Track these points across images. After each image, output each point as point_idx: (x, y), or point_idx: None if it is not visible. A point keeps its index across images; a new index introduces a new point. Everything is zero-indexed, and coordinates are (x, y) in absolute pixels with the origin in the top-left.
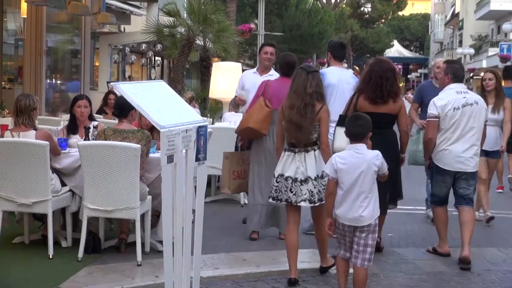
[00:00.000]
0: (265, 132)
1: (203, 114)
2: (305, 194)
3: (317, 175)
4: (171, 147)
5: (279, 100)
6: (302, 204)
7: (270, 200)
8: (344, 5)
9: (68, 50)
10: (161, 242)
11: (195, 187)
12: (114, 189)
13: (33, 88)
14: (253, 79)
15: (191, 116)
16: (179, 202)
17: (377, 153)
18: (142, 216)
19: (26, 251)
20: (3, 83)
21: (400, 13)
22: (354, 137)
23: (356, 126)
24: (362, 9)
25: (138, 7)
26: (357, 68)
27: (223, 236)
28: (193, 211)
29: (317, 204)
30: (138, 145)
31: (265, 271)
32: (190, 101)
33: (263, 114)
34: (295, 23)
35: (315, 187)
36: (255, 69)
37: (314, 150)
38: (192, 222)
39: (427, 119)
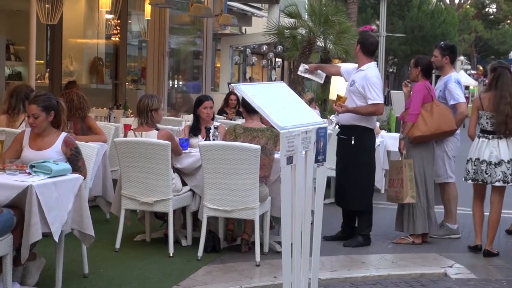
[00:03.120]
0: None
1: (323, 115)
2: (499, 175)
3: (510, 159)
4: (290, 148)
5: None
6: (497, 184)
7: (469, 181)
8: (468, 6)
9: (190, 52)
10: (279, 243)
11: (314, 188)
12: (234, 189)
13: (156, 89)
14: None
15: (311, 117)
16: (298, 203)
17: None
18: (262, 217)
19: (147, 249)
20: (127, 84)
21: None
22: None
23: None
24: (486, 9)
25: (259, 9)
26: (481, 68)
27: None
28: (312, 212)
29: (510, 183)
30: (258, 146)
31: (384, 275)
32: (310, 102)
33: (452, 115)
34: (417, 24)
35: (508, 169)
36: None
37: (506, 137)
38: (311, 224)
39: None
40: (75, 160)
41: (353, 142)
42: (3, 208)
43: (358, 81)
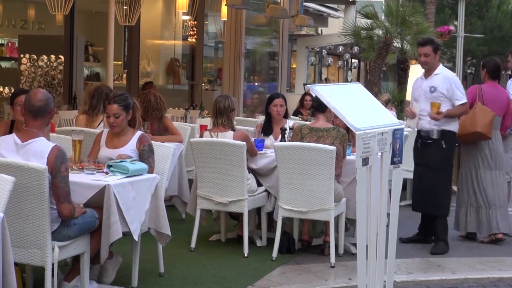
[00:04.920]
0: (490, 136)
1: (399, 117)
2: None
3: None
4: (366, 150)
5: (495, 104)
6: None
7: None
8: None
9: (265, 52)
10: (354, 244)
11: (390, 190)
12: (309, 190)
13: (232, 90)
14: (420, 85)
15: (387, 118)
16: (374, 205)
17: None
18: (337, 218)
19: (222, 249)
20: (203, 84)
21: None
22: None
23: None
24: None
25: (336, 10)
26: None
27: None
28: (388, 214)
29: None
30: (334, 147)
31: (461, 278)
32: (386, 103)
33: (489, 118)
34: (497, 25)
35: None
36: (422, 74)
37: None
38: (387, 226)
39: None
40: (146, 155)
41: (444, 146)
42: (87, 209)
43: (440, 85)
